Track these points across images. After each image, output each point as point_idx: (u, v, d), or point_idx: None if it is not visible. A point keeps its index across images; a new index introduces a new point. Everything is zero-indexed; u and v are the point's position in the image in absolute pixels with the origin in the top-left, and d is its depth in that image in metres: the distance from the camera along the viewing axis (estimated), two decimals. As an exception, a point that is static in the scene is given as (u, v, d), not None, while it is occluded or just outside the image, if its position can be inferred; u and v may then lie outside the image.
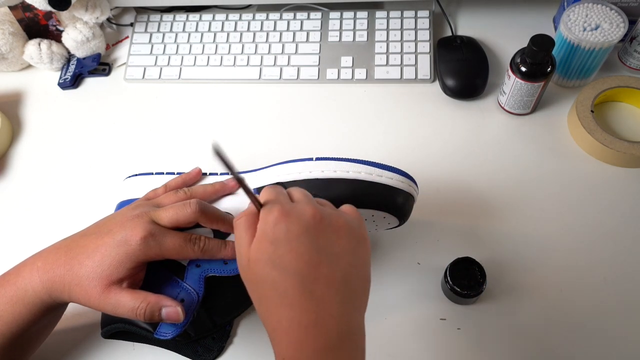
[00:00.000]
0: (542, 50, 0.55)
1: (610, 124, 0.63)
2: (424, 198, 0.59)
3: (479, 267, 0.50)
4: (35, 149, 0.68)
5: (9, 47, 0.70)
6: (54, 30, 0.73)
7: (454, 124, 0.64)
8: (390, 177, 0.47)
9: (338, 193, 0.47)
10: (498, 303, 0.52)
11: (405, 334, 0.51)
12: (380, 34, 0.71)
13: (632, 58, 0.65)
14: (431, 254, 0.55)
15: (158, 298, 0.42)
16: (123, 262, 0.42)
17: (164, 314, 0.42)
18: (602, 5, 0.60)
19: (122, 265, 0.42)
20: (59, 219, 0.62)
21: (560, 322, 0.51)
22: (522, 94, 0.60)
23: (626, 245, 0.55)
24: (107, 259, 0.42)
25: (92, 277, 0.42)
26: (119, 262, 0.42)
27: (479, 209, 0.58)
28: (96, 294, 0.42)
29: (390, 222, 0.50)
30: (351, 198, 0.46)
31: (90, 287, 0.42)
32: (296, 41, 0.72)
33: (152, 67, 0.72)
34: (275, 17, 0.74)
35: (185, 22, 0.75)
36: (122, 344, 0.53)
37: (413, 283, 0.54)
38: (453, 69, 0.66)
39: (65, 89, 0.73)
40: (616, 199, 0.57)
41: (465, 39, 0.69)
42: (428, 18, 0.71)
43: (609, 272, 0.53)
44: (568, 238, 0.55)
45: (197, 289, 0.46)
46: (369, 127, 0.65)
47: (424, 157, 0.62)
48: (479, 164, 0.61)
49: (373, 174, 0.47)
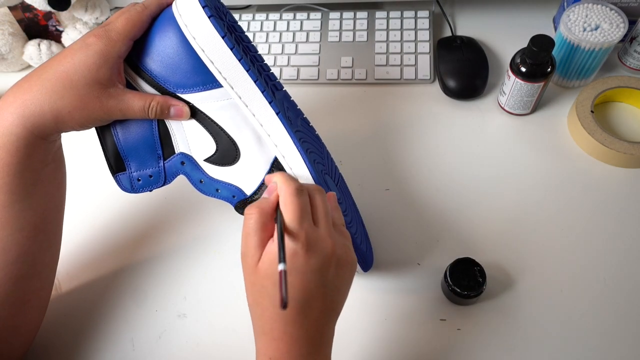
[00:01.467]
0: (542, 50, 0.55)
1: (610, 124, 0.63)
2: (424, 198, 0.59)
3: (479, 267, 0.50)
4: (35, 149, 0.68)
5: (8, 48, 0.70)
6: (53, 30, 0.73)
7: (454, 124, 0.64)
8: None
9: None
10: (498, 303, 0.52)
11: (405, 334, 0.51)
12: (380, 34, 0.71)
13: (632, 58, 0.65)
14: (431, 254, 0.55)
15: (165, 98, 0.45)
16: (98, 62, 0.41)
17: (172, 112, 0.45)
18: (602, 5, 0.60)
19: (102, 64, 0.41)
20: (59, 220, 0.62)
21: (560, 322, 0.51)
22: (522, 94, 0.60)
23: (626, 245, 0.55)
24: (81, 63, 0.41)
25: (80, 85, 0.41)
26: (94, 63, 0.41)
27: (479, 209, 0.58)
28: (94, 98, 0.41)
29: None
30: None
31: (84, 95, 0.41)
32: (296, 41, 0.72)
33: (152, 67, 0.72)
34: (275, 18, 0.74)
35: (185, 22, 0.75)
36: (122, 344, 0.53)
37: (413, 283, 0.54)
38: (453, 69, 0.66)
39: (65, 89, 0.73)
40: (616, 199, 0.57)
41: (465, 39, 0.69)
42: (428, 18, 0.71)
43: (609, 272, 0.53)
44: (568, 238, 0.55)
45: (166, 176, 0.49)
46: (369, 127, 0.65)
47: (424, 157, 0.62)
48: (478, 164, 0.61)
49: None
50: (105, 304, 0.55)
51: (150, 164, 0.48)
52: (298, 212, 0.38)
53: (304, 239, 0.37)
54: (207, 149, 0.48)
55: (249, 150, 0.47)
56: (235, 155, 0.47)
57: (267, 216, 0.39)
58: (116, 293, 0.56)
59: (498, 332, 0.51)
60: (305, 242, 0.37)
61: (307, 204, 0.40)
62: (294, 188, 0.39)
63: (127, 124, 0.47)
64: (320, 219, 0.40)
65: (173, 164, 0.49)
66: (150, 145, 0.48)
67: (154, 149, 0.48)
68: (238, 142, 0.47)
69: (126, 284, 0.56)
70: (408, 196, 0.59)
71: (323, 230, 0.39)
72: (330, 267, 0.39)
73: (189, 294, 0.56)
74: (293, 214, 0.38)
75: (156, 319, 0.54)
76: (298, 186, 0.40)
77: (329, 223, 0.40)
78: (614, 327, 0.50)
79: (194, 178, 0.49)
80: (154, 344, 0.53)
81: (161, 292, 0.56)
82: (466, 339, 0.51)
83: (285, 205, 0.39)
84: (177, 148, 0.48)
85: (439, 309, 0.52)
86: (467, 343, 0.50)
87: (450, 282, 0.50)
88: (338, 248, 0.39)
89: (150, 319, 0.54)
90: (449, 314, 0.52)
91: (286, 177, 0.41)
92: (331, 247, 0.39)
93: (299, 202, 0.39)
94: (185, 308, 0.55)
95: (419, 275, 0.54)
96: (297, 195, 0.39)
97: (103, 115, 0.43)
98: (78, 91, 0.41)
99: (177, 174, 0.49)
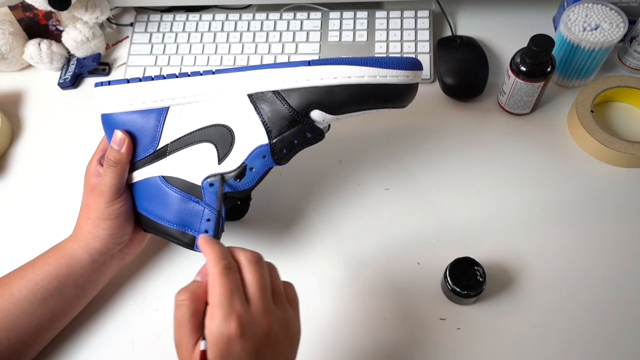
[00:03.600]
0: (542, 50, 0.55)
1: (610, 124, 0.63)
2: (423, 198, 0.59)
3: (479, 267, 0.50)
4: (35, 149, 0.68)
5: (9, 47, 0.70)
6: (54, 30, 0.73)
7: (454, 124, 0.64)
8: (395, 75, 0.45)
9: (341, 100, 0.45)
10: (498, 303, 0.52)
11: (405, 334, 0.51)
12: (380, 34, 0.71)
13: (632, 58, 0.65)
14: (431, 254, 0.55)
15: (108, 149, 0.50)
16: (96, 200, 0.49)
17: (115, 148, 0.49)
18: (602, 5, 0.60)
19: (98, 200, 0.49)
20: (59, 219, 0.61)
21: (560, 322, 0.51)
22: (522, 94, 0.60)
23: (626, 245, 0.55)
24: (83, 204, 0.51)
25: None
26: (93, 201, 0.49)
27: (479, 208, 0.58)
28: (105, 205, 0.48)
29: (393, 109, 0.50)
30: (355, 103, 0.46)
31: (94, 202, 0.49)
32: (296, 41, 0.72)
33: (152, 67, 0.72)
34: (275, 17, 0.74)
35: (185, 22, 0.75)
36: (122, 344, 0.53)
37: (413, 283, 0.54)
38: (453, 69, 0.66)
39: (65, 89, 0.73)
40: (616, 199, 0.57)
41: (465, 39, 0.69)
42: (428, 18, 0.71)
43: (609, 272, 0.53)
44: (568, 238, 0.55)
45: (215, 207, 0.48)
46: (368, 127, 0.65)
47: (424, 157, 0.62)
48: (478, 163, 0.61)
49: (377, 76, 0.45)
50: (105, 303, 0.55)
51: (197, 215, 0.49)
52: (227, 294, 0.36)
53: (236, 323, 0.35)
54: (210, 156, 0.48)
55: (229, 118, 0.48)
56: (230, 134, 0.48)
57: (199, 302, 0.37)
58: (116, 293, 0.56)
59: (498, 332, 0.51)
60: (237, 326, 0.35)
61: (238, 282, 0.38)
62: (221, 267, 0.38)
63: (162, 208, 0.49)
64: (252, 297, 0.38)
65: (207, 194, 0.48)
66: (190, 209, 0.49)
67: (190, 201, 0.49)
68: (221, 122, 0.48)
69: (126, 283, 0.56)
70: (408, 196, 0.59)
71: (257, 308, 0.37)
72: (267, 349, 0.37)
73: (189, 293, 0.56)
74: (222, 296, 0.36)
75: (156, 318, 0.54)
76: (226, 264, 0.38)
77: (265, 298, 0.38)
78: (614, 327, 0.50)
79: (229, 183, 0.49)
80: (154, 344, 0.53)
81: (161, 292, 0.56)
82: (466, 339, 0.51)
83: (213, 288, 0.37)
84: (196, 181, 0.49)
85: (439, 309, 0.52)
86: (467, 343, 0.51)
87: (450, 281, 0.50)
88: (275, 325, 0.37)
89: (150, 319, 0.54)
90: (449, 314, 0.52)
91: (215, 254, 0.39)
92: (267, 327, 0.37)
93: (227, 282, 0.37)
94: (185, 308, 0.55)
95: (418, 275, 0.54)
96: (224, 275, 0.37)
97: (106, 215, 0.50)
98: None
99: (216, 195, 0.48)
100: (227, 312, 0.36)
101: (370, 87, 0.45)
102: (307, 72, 0.46)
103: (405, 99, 0.48)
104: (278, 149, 0.48)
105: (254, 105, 0.47)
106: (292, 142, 0.48)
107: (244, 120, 0.48)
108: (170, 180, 0.49)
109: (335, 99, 0.46)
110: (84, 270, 0.49)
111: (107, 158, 0.49)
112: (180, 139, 0.49)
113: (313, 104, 0.46)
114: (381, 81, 0.45)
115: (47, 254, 0.50)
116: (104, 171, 0.49)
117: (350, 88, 0.45)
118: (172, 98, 0.49)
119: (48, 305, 0.48)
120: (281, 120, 0.47)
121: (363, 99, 0.46)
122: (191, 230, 0.49)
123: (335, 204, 0.60)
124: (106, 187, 0.48)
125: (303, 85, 0.46)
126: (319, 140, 0.50)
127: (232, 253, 0.40)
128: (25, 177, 0.66)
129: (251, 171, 0.48)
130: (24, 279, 0.48)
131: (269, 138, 0.47)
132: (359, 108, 0.47)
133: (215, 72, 0.48)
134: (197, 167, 0.48)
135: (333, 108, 0.46)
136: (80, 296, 0.51)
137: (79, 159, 0.66)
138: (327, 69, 0.45)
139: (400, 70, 0.45)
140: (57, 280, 0.48)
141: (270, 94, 0.47)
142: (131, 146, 0.49)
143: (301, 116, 0.47)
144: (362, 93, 0.45)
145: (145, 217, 0.50)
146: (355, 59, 0.45)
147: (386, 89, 0.45)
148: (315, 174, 0.62)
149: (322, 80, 0.45)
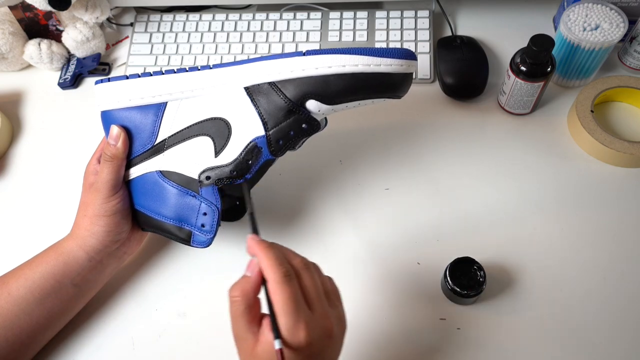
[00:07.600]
0: (542, 50, 0.55)
1: (610, 124, 0.63)
2: (423, 198, 0.59)
3: (479, 267, 0.50)
4: (35, 148, 0.68)
5: (9, 47, 0.70)
6: (54, 30, 0.73)
7: (454, 124, 0.64)
8: (389, 64, 0.45)
9: (336, 89, 0.46)
10: (498, 303, 0.52)
11: (405, 334, 0.51)
12: (380, 34, 0.71)
13: (632, 58, 0.65)
14: (431, 254, 0.55)
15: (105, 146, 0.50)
16: (93, 198, 0.49)
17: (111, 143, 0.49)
18: (602, 5, 0.60)
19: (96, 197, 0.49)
20: (59, 219, 0.61)
21: (560, 322, 0.51)
22: (522, 94, 0.60)
23: (626, 244, 0.55)
24: (81, 202, 0.51)
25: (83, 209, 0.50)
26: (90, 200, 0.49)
27: (478, 208, 0.58)
28: (101, 201, 0.49)
29: (389, 100, 0.50)
30: (350, 92, 0.46)
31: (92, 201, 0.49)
32: (296, 41, 0.72)
33: (152, 67, 0.72)
34: (275, 17, 0.74)
35: (185, 22, 0.75)
36: (122, 344, 0.53)
37: (413, 283, 0.54)
38: (453, 69, 0.66)
39: (65, 88, 0.73)
40: (616, 199, 0.57)
41: (465, 39, 0.69)
42: (428, 18, 0.71)
43: (609, 272, 0.53)
44: (568, 238, 0.55)
45: (214, 201, 0.49)
46: (368, 127, 0.65)
47: (424, 156, 0.62)
48: (478, 163, 0.61)
49: (371, 65, 0.45)
50: (105, 303, 0.55)
51: (194, 209, 0.49)
52: (292, 303, 0.36)
53: (305, 331, 0.36)
54: (207, 149, 0.48)
55: (226, 111, 0.48)
56: (227, 126, 0.48)
57: (251, 297, 0.38)
58: (116, 292, 0.56)
59: (498, 332, 0.51)
60: (306, 334, 0.36)
61: (298, 291, 0.38)
62: (281, 275, 0.37)
63: (160, 203, 0.50)
64: (313, 301, 0.38)
65: (204, 187, 0.49)
66: (188, 203, 0.49)
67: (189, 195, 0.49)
68: (218, 115, 0.48)
69: (126, 283, 0.56)
70: (408, 196, 0.59)
71: (318, 313, 0.38)
72: (329, 349, 0.38)
73: (189, 293, 0.56)
74: (286, 305, 0.36)
75: (156, 318, 0.54)
76: (285, 271, 0.38)
77: (323, 300, 0.39)
78: (614, 327, 0.50)
79: None
80: (154, 344, 0.53)
81: (161, 292, 0.56)
82: (466, 339, 0.51)
83: (275, 295, 0.37)
84: (194, 174, 0.49)
85: (438, 309, 0.52)
86: (467, 343, 0.51)
87: (450, 281, 0.50)
88: (335, 325, 0.38)
89: (150, 319, 0.54)
90: (449, 314, 0.52)
91: (271, 260, 0.38)
92: (329, 329, 0.38)
93: (290, 291, 0.37)
94: (185, 307, 0.55)
95: (419, 275, 0.54)
96: (286, 284, 0.37)
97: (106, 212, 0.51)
98: None
99: (215, 190, 0.49)
100: (294, 320, 0.36)
101: (364, 76, 0.46)
102: (302, 62, 0.46)
103: (400, 89, 0.48)
104: (274, 140, 0.48)
105: (251, 98, 0.48)
106: (288, 133, 0.48)
107: (240, 113, 0.48)
108: (167, 174, 0.49)
109: (330, 88, 0.46)
110: (81, 269, 0.49)
111: (103, 153, 0.49)
112: (178, 133, 0.49)
113: (308, 94, 0.47)
114: (375, 70, 0.45)
115: (44, 252, 0.50)
116: (101, 167, 0.49)
117: (345, 77, 0.46)
118: (170, 93, 0.49)
119: (45, 305, 0.48)
120: (277, 112, 0.47)
121: (358, 89, 0.46)
122: (187, 225, 0.50)
123: (335, 204, 0.60)
124: (102, 183, 0.49)
125: (298, 76, 0.47)
126: (314, 132, 0.50)
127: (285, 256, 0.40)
128: (25, 177, 0.66)
129: (247, 163, 0.48)
130: (22, 277, 0.48)
131: (265, 129, 0.48)
132: (354, 98, 0.47)
133: (213, 67, 0.49)
134: (194, 161, 0.49)
135: (328, 98, 0.46)
136: (78, 295, 0.51)
137: (79, 159, 0.66)
138: (322, 58, 0.46)
139: (394, 59, 0.46)
140: (54, 278, 0.48)
141: (267, 85, 0.47)
142: (127, 141, 0.50)
143: (297, 107, 0.47)
144: (357, 82, 0.46)
145: (142, 213, 0.51)
146: (349, 49, 0.46)
147: (380, 78, 0.46)
148: (315, 173, 0.62)
149: (317, 70, 0.46)
